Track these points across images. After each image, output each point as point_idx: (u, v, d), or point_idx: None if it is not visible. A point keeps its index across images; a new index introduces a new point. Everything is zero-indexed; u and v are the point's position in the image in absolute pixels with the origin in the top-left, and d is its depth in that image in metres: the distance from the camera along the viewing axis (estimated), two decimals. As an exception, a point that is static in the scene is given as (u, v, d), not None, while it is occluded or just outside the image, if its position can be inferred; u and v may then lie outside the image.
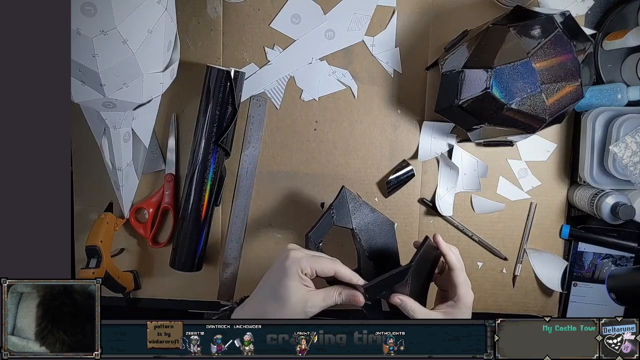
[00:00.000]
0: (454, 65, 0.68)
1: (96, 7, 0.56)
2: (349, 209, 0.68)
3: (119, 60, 0.60)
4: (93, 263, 0.72)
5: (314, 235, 0.63)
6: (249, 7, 0.78)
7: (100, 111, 0.67)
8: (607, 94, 0.74)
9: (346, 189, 0.68)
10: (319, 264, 0.55)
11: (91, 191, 0.81)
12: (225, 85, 0.73)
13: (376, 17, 0.77)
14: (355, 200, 0.69)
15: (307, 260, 0.55)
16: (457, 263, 0.61)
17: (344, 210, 0.67)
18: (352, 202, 0.68)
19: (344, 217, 0.67)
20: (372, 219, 0.69)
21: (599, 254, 0.80)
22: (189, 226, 0.76)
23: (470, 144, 0.77)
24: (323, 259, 0.56)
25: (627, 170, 0.70)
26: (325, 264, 0.55)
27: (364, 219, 0.69)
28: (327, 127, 0.80)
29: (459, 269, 0.61)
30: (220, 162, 0.77)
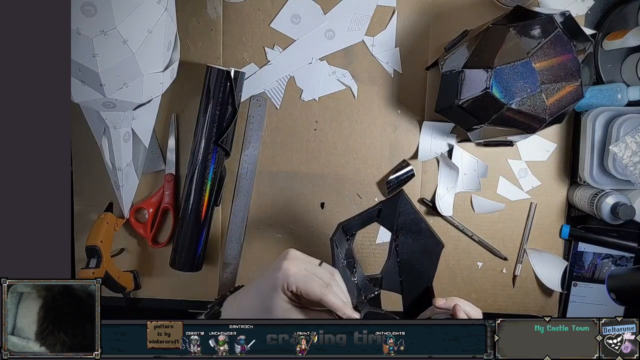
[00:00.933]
0: (454, 65, 0.68)
1: (96, 7, 0.56)
2: (397, 212, 0.62)
3: (119, 60, 0.60)
4: (93, 263, 0.72)
5: (349, 224, 0.59)
6: (249, 7, 0.78)
7: (100, 111, 0.67)
8: (607, 94, 0.74)
9: (404, 193, 0.62)
10: (307, 287, 0.51)
11: (91, 191, 0.81)
12: (225, 85, 0.73)
13: (376, 17, 0.77)
14: (410, 205, 0.63)
15: (297, 278, 0.51)
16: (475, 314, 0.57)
17: (391, 212, 0.62)
18: (405, 206, 0.63)
19: (390, 218, 0.62)
20: (420, 230, 0.64)
21: (599, 254, 0.80)
22: (189, 226, 0.76)
23: (470, 144, 0.77)
24: (313, 282, 0.51)
25: (627, 170, 0.70)
26: (313, 290, 0.51)
27: (412, 227, 0.63)
28: (327, 127, 0.80)
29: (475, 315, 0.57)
30: (220, 162, 0.77)
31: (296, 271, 0.52)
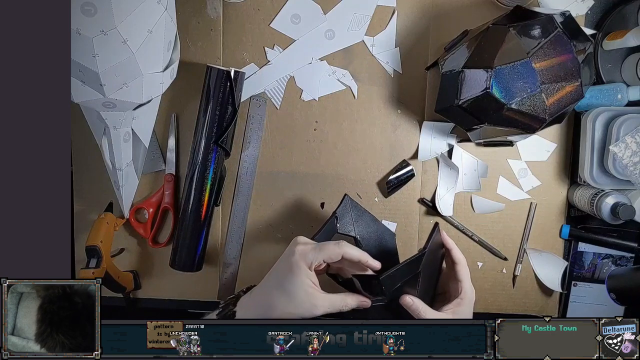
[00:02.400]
0: (454, 65, 0.68)
1: (96, 7, 0.55)
2: (352, 217, 0.67)
3: (119, 60, 0.60)
4: (93, 263, 0.72)
5: (317, 240, 0.63)
6: (249, 7, 0.78)
7: (100, 111, 0.67)
8: (607, 94, 0.74)
9: (349, 197, 0.68)
10: (326, 253, 0.55)
11: (91, 191, 0.81)
12: (225, 85, 0.73)
13: (376, 17, 0.77)
14: (358, 208, 0.69)
15: (313, 253, 0.55)
16: (461, 257, 0.62)
17: (347, 219, 0.67)
18: (355, 210, 0.68)
19: (347, 225, 0.67)
20: (374, 229, 0.69)
21: (599, 254, 0.80)
22: (189, 226, 0.76)
23: (470, 144, 0.77)
24: (328, 246, 0.56)
25: (627, 170, 0.70)
26: (331, 251, 0.56)
27: (367, 228, 0.68)
28: (327, 127, 0.80)
29: (463, 264, 0.61)
30: (220, 162, 0.77)
31: (310, 248, 0.56)
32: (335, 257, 0.56)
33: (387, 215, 0.80)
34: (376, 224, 0.69)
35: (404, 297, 0.57)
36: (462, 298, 0.59)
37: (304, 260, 0.55)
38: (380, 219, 0.80)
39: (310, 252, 0.55)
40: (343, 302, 0.56)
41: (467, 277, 0.61)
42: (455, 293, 0.60)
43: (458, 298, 0.59)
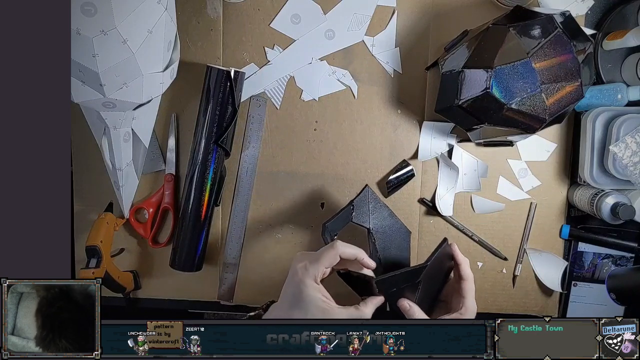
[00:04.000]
0: (454, 65, 0.68)
1: (96, 7, 0.56)
2: (368, 209, 0.67)
3: (119, 60, 0.60)
4: (93, 263, 0.72)
5: (331, 225, 0.64)
6: (249, 7, 0.78)
7: (100, 111, 0.67)
8: (607, 94, 0.74)
9: (369, 188, 0.69)
10: (324, 261, 0.55)
11: (91, 191, 0.81)
12: (225, 85, 0.73)
13: (376, 17, 0.77)
14: (377, 201, 0.69)
15: (314, 266, 0.55)
16: (470, 274, 0.60)
17: (364, 209, 0.67)
18: (373, 202, 0.68)
19: (363, 215, 0.67)
20: (389, 223, 0.69)
21: (599, 254, 0.80)
22: (189, 226, 0.76)
23: (470, 144, 0.77)
24: (325, 253, 0.56)
25: (627, 170, 0.70)
26: (328, 256, 0.56)
27: (382, 221, 0.69)
28: (327, 127, 0.80)
29: (471, 280, 0.60)
30: (220, 162, 0.77)
31: (309, 260, 0.56)
32: (334, 260, 0.56)
33: (387, 215, 0.80)
34: (393, 219, 0.69)
35: (401, 301, 0.57)
36: (462, 313, 0.58)
37: (308, 276, 0.54)
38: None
39: (310, 267, 0.55)
40: (361, 313, 0.55)
41: (471, 295, 0.60)
42: (456, 307, 0.59)
43: (458, 312, 0.59)
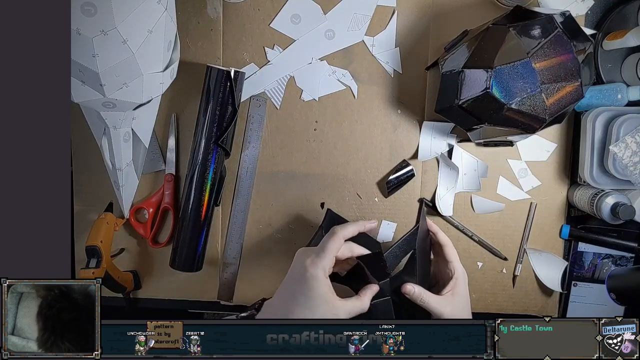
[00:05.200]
0: (454, 65, 0.68)
1: (96, 7, 0.56)
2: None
3: (119, 60, 0.60)
4: (93, 263, 0.72)
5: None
6: (249, 7, 0.78)
7: (100, 111, 0.67)
8: (607, 94, 0.74)
9: (331, 211, 0.69)
10: (331, 252, 0.55)
11: (91, 191, 0.81)
12: (225, 85, 0.73)
13: (376, 17, 0.77)
14: (342, 220, 0.69)
15: (322, 259, 0.54)
16: (447, 239, 0.65)
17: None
18: (339, 221, 0.68)
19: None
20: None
21: (599, 254, 0.80)
22: (189, 226, 0.76)
23: (470, 144, 0.77)
24: (329, 245, 0.55)
25: (627, 170, 0.70)
26: (334, 246, 0.55)
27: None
28: (327, 127, 0.80)
29: (450, 245, 0.65)
30: (220, 162, 0.77)
31: (315, 254, 0.55)
32: (339, 246, 0.56)
33: (387, 215, 0.80)
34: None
35: (404, 285, 0.58)
36: (457, 277, 0.62)
37: (319, 270, 0.53)
38: (380, 219, 0.80)
39: (318, 260, 0.54)
40: (362, 304, 0.55)
41: (456, 257, 0.64)
42: (447, 276, 0.63)
43: (452, 279, 0.62)
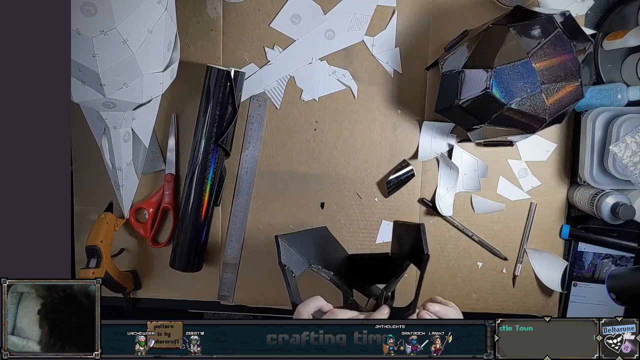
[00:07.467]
0: (454, 65, 0.68)
1: (96, 7, 0.55)
2: (295, 251, 0.62)
3: (119, 60, 0.60)
4: (93, 263, 0.72)
5: (296, 299, 0.59)
6: (249, 7, 0.78)
7: (100, 111, 0.67)
8: (607, 94, 0.74)
9: (279, 238, 0.61)
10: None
11: (91, 191, 0.81)
12: (225, 85, 0.73)
13: (376, 17, 0.77)
14: (289, 239, 0.63)
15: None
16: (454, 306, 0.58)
17: (293, 257, 0.62)
18: (291, 241, 0.62)
19: (297, 263, 0.62)
20: (311, 238, 0.66)
21: (599, 254, 0.80)
22: (189, 226, 0.76)
23: (470, 144, 0.77)
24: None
25: (627, 170, 0.70)
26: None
27: (307, 245, 0.64)
28: (327, 127, 0.80)
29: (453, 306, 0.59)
30: (220, 162, 0.77)
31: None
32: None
33: (387, 215, 0.80)
34: (308, 233, 0.66)
35: (423, 313, 0.54)
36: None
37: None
38: (380, 219, 0.80)
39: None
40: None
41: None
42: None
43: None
